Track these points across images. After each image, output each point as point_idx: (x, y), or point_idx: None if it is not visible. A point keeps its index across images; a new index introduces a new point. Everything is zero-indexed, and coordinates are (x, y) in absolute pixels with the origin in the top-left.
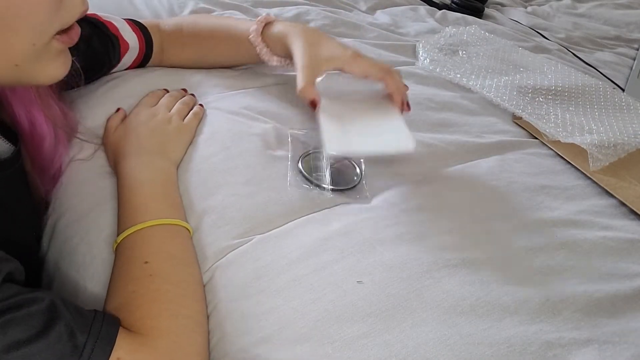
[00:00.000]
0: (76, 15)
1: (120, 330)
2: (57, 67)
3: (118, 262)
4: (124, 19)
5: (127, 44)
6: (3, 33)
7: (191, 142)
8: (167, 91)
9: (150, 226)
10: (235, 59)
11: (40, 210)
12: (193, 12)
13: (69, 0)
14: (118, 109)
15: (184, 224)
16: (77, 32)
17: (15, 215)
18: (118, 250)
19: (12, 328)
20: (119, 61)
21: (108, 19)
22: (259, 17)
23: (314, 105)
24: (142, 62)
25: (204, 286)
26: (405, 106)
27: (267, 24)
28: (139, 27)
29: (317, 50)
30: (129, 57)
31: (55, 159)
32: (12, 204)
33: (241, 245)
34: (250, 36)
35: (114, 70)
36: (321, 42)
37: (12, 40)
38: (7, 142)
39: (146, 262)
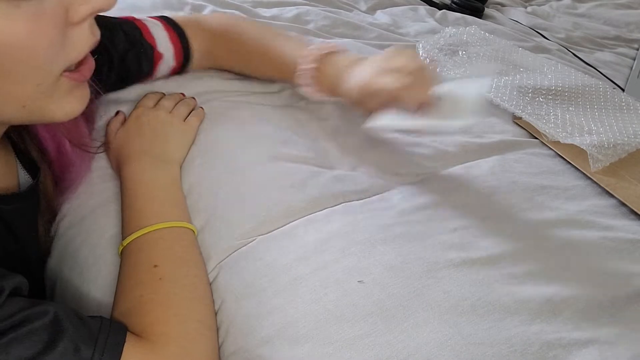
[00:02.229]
0: (84, 50)
1: (128, 337)
2: (71, 105)
3: (125, 266)
4: (160, 19)
5: (160, 55)
6: (3, 77)
7: (193, 142)
8: (164, 95)
9: (156, 229)
10: (274, 78)
11: (49, 228)
12: (193, 9)
13: (75, 36)
14: (117, 112)
15: (189, 225)
16: (90, 66)
17: (22, 239)
18: (124, 254)
19: (15, 346)
20: (151, 73)
21: (144, 23)
22: (313, 51)
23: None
24: (180, 71)
25: None
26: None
27: (323, 58)
28: (176, 32)
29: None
30: (165, 67)
31: (79, 179)
32: (22, 231)
33: (244, 246)
34: (299, 72)
35: (149, 81)
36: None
37: (13, 84)
38: (27, 174)
39: (155, 266)
